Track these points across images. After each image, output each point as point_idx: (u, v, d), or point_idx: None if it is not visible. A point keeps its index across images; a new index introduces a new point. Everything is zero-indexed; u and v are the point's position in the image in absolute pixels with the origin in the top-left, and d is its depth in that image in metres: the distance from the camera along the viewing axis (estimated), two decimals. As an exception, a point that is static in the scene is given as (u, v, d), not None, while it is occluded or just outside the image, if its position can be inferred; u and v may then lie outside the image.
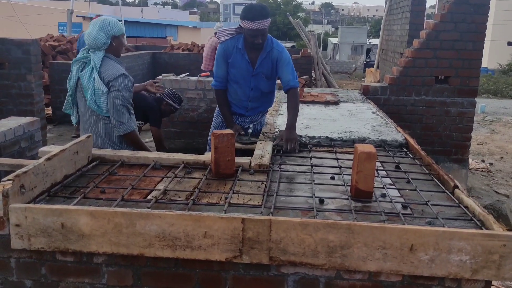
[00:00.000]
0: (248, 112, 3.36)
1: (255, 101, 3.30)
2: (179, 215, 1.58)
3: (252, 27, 2.91)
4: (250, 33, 2.95)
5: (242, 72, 3.17)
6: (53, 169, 1.90)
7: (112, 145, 2.84)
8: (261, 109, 3.43)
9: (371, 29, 49.85)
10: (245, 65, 3.14)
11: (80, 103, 2.93)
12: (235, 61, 3.15)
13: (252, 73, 3.17)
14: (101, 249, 1.63)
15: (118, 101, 2.78)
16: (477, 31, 4.91)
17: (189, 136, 6.09)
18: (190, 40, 15.59)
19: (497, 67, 24.53)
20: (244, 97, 3.27)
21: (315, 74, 11.24)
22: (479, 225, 1.67)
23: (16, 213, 1.61)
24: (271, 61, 3.13)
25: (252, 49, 3.10)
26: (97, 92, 2.75)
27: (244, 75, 3.17)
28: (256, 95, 3.27)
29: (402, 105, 5.09)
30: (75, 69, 2.87)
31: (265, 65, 3.14)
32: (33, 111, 5.52)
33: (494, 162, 7.10)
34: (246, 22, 2.92)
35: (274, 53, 3.12)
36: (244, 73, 3.17)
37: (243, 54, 3.12)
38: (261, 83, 3.21)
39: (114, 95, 2.77)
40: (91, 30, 2.80)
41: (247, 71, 3.16)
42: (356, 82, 18.82)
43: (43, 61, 8.42)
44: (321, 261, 1.58)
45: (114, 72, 2.79)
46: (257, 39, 2.97)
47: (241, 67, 3.15)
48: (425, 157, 2.49)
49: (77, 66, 2.86)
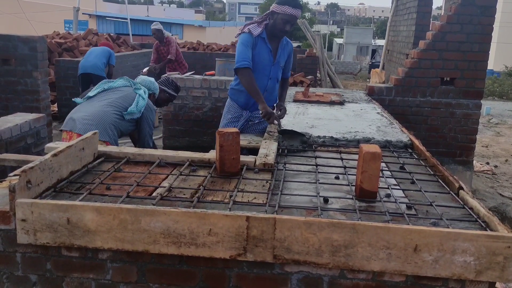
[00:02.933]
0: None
1: (270, 91, 3.47)
2: (184, 212, 1.59)
3: (291, 13, 3.17)
4: (286, 18, 3.19)
5: (263, 61, 3.36)
6: (59, 165, 1.91)
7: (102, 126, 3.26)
8: (271, 103, 3.48)
9: (376, 30, 49.72)
10: (267, 55, 3.37)
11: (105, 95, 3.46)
12: (260, 50, 3.35)
13: (273, 63, 3.40)
14: (106, 245, 1.63)
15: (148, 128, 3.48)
16: (484, 33, 4.89)
17: (194, 134, 6.10)
18: (195, 39, 15.60)
19: (503, 69, 24.41)
20: (261, 87, 3.37)
21: (320, 74, 11.23)
22: (483, 226, 1.67)
23: (22, 208, 1.62)
24: (287, 53, 3.47)
25: (273, 39, 3.36)
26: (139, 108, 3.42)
27: (265, 64, 3.37)
28: (272, 85, 3.47)
29: (407, 106, 5.08)
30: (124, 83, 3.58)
31: (282, 56, 3.45)
32: (39, 108, 5.56)
33: (499, 164, 7.07)
34: (287, 7, 3.16)
35: (289, 46, 3.49)
36: (266, 62, 3.37)
37: (266, 44, 3.35)
38: (278, 72, 3.47)
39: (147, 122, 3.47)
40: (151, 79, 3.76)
41: (268, 60, 3.38)
42: (361, 83, 18.79)
43: (49, 58, 8.46)
44: (325, 260, 1.58)
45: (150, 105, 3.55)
46: (288, 26, 3.24)
47: (263, 56, 3.35)
48: (430, 158, 2.48)
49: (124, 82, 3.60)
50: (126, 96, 3.42)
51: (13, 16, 18.96)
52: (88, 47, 10.56)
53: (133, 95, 3.43)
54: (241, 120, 3.47)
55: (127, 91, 3.47)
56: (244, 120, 3.47)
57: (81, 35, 11.57)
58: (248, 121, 3.48)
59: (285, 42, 3.47)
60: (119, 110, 3.30)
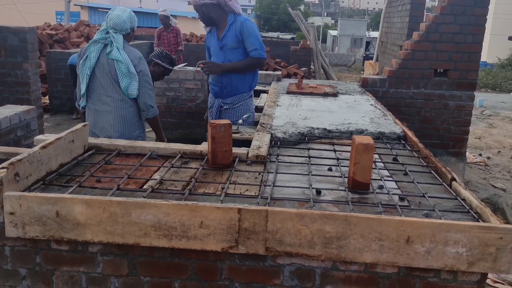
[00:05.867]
0: (225, 89, 3.57)
1: (227, 75, 3.53)
2: (175, 204, 1.57)
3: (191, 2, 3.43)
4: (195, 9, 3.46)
5: (214, 51, 3.58)
6: (48, 158, 1.88)
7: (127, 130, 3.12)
8: (239, 90, 3.58)
9: (370, 21, 49.58)
10: (215, 42, 3.56)
11: (99, 86, 2.99)
12: (210, 42, 3.63)
13: (219, 46, 3.52)
14: (96, 238, 1.62)
15: (147, 85, 3.05)
16: (477, 24, 4.88)
17: (186, 126, 6.08)
18: (189, 31, 15.49)
19: (496, 61, 24.48)
20: (218, 75, 3.56)
21: (314, 66, 11.21)
22: (476, 217, 1.67)
23: (10, 201, 1.59)
24: (234, 32, 3.46)
25: (217, 27, 3.53)
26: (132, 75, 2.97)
27: (215, 51, 3.57)
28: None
29: (400, 98, 5.07)
30: (96, 49, 3.02)
31: (229, 37, 3.48)
32: (29, 100, 5.49)
33: (492, 156, 7.11)
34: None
35: (237, 24, 3.46)
36: (215, 50, 3.57)
37: (213, 33, 3.59)
38: (228, 54, 3.51)
39: (144, 79, 3.02)
40: (121, 14, 3.04)
41: (216, 47, 3.56)
42: (355, 75, 18.78)
43: (40, 49, 8.36)
44: (317, 252, 1.57)
45: (136, 55, 3.03)
46: (198, 14, 3.50)
47: (213, 44, 3.59)
48: (423, 149, 2.48)
49: (97, 46, 3.00)
50: (108, 73, 3.02)
51: (4, 7, 18.72)
52: (80, 39, 10.47)
53: (112, 66, 3.00)
54: (214, 108, 3.67)
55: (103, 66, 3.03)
56: (216, 107, 3.64)
57: (73, 26, 11.44)
58: (220, 107, 3.64)
59: (231, 22, 3.46)
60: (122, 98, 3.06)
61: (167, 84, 5.96)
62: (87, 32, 11.08)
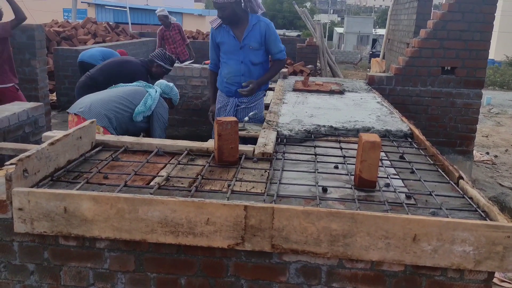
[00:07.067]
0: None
1: (247, 75, 3.56)
2: (181, 201, 1.57)
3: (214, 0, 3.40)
4: (216, 6, 3.40)
5: (230, 48, 3.57)
6: (56, 154, 1.89)
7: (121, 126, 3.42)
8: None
9: (377, 19, 49.31)
10: (232, 40, 3.54)
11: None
12: (223, 39, 3.58)
13: (239, 46, 3.53)
14: (103, 234, 1.63)
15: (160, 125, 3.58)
16: (485, 22, 4.84)
17: (192, 123, 6.08)
18: (195, 28, 15.49)
19: (504, 59, 24.27)
20: (237, 72, 3.58)
21: (320, 64, 11.18)
22: (483, 216, 1.66)
23: (19, 197, 1.61)
24: (259, 33, 3.50)
25: (234, 25, 3.50)
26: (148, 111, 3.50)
27: (232, 50, 3.57)
28: (246, 69, 3.59)
29: (407, 96, 5.05)
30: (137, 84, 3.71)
31: (252, 37, 3.51)
32: (37, 97, 5.53)
33: (499, 154, 7.06)
34: None
35: (261, 25, 3.50)
36: (232, 48, 3.56)
37: (228, 31, 3.54)
38: (249, 55, 3.55)
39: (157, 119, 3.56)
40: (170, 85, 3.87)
41: (234, 46, 3.55)
42: (361, 73, 18.70)
43: (48, 47, 8.40)
44: (323, 249, 1.57)
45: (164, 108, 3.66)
46: (219, 12, 3.42)
47: (228, 43, 3.56)
48: (429, 147, 2.47)
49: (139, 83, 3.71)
50: (136, 92, 3.51)
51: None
52: (87, 36, 10.50)
53: (143, 93, 3.50)
54: (229, 107, 3.64)
55: (138, 89, 3.57)
56: (231, 106, 3.62)
57: (80, 23, 11.47)
58: (237, 105, 3.64)
59: (255, 22, 3.49)
60: (125, 104, 3.41)
61: (174, 81, 5.96)
62: (94, 29, 11.11)
